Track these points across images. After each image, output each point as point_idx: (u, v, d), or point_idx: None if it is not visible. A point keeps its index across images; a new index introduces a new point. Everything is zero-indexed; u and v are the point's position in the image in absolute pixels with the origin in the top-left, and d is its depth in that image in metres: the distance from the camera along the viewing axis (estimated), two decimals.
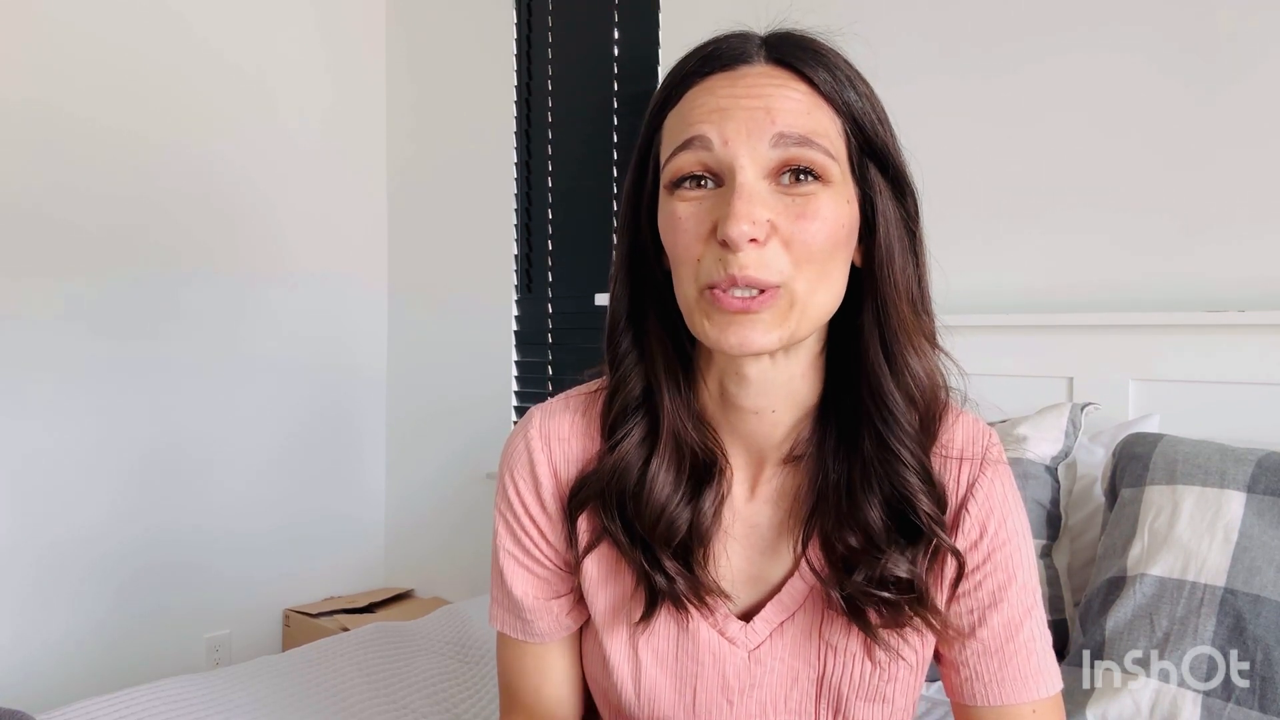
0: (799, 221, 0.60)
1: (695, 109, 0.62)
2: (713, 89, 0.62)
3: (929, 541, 0.66)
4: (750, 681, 0.72)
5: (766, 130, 0.60)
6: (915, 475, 0.66)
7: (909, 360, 0.66)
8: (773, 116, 0.60)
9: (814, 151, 0.61)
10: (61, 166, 2.23)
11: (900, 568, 0.65)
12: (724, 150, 0.60)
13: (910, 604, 0.66)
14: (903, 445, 0.66)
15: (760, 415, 0.69)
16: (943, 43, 1.81)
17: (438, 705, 1.39)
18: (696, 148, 0.61)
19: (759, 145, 0.60)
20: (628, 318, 0.70)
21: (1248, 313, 1.43)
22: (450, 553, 2.77)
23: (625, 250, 0.70)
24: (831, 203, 0.61)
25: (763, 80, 0.62)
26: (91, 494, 2.30)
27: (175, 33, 2.42)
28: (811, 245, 0.60)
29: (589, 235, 2.53)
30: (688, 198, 0.62)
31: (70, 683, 2.22)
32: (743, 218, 0.58)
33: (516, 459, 0.75)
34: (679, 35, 2.27)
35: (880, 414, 0.66)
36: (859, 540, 0.66)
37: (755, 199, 0.59)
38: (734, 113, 0.61)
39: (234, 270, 2.56)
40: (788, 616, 0.72)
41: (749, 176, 0.60)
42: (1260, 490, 1.12)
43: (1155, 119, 1.58)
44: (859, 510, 0.66)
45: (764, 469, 0.72)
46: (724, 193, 0.61)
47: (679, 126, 0.63)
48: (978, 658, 0.71)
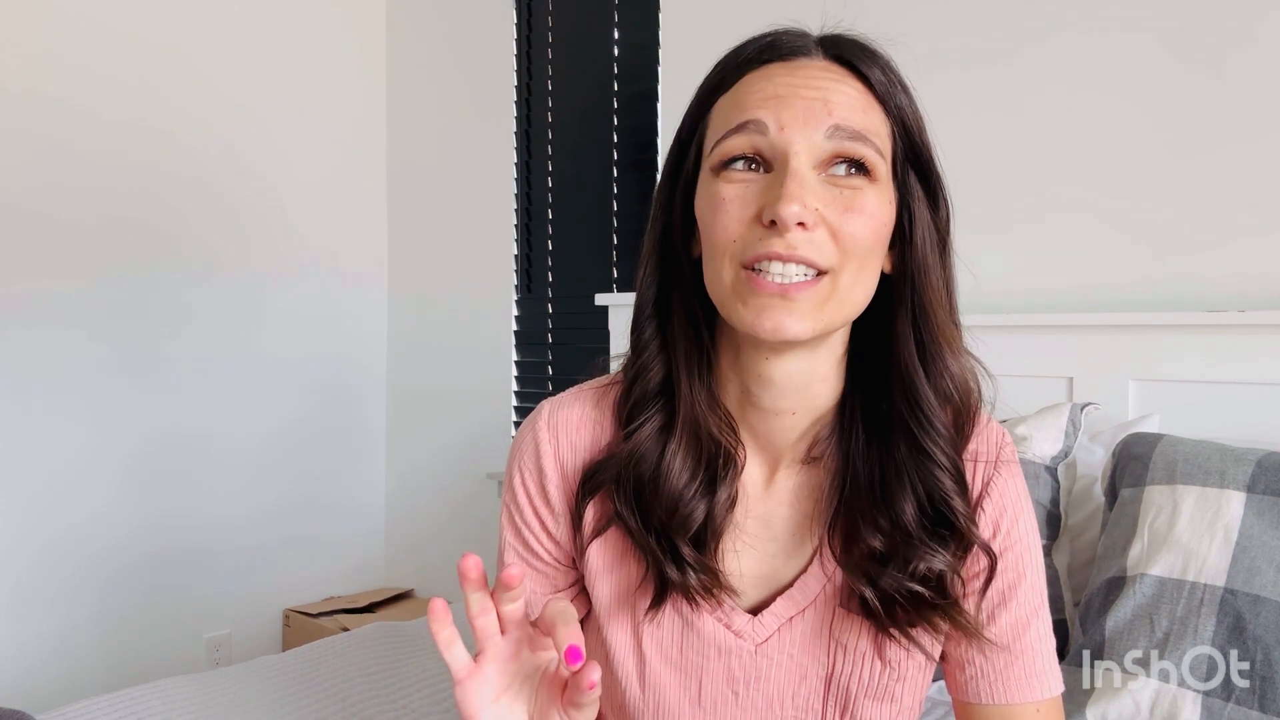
0: (846, 214, 0.61)
1: (752, 94, 0.63)
2: (770, 76, 0.63)
3: (959, 539, 0.67)
4: (756, 674, 0.72)
5: (823, 121, 0.61)
6: (949, 477, 0.67)
7: (948, 364, 0.67)
8: (829, 108, 0.61)
9: (867, 147, 0.61)
10: (63, 162, 2.23)
11: (937, 561, 0.66)
12: (779, 136, 0.61)
13: (939, 602, 0.67)
14: (938, 447, 0.66)
15: (780, 416, 0.69)
16: (938, 35, 1.80)
17: (438, 705, 1.39)
18: (751, 131, 0.62)
19: (814, 135, 0.61)
20: (654, 304, 0.70)
21: (1248, 313, 1.43)
22: (451, 552, 2.76)
23: (658, 234, 0.70)
24: (877, 200, 0.62)
25: (820, 73, 0.63)
26: (91, 493, 2.30)
27: (175, 33, 2.43)
28: (858, 238, 0.61)
29: (589, 235, 2.53)
30: (735, 179, 0.62)
31: (70, 683, 2.22)
32: (795, 199, 0.59)
33: (524, 451, 0.76)
34: (679, 35, 2.27)
35: (915, 417, 0.66)
36: (886, 540, 0.66)
37: (807, 186, 0.60)
38: (791, 101, 0.61)
39: (234, 270, 2.56)
40: (797, 613, 0.72)
41: (802, 163, 0.60)
42: (1260, 490, 1.12)
43: (1155, 119, 1.58)
44: (892, 507, 0.66)
45: (779, 468, 0.72)
46: (773, 178, 0.61)
47: (732, 110, 0.63)
48: (984, 656, 0.71)
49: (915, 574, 0.65)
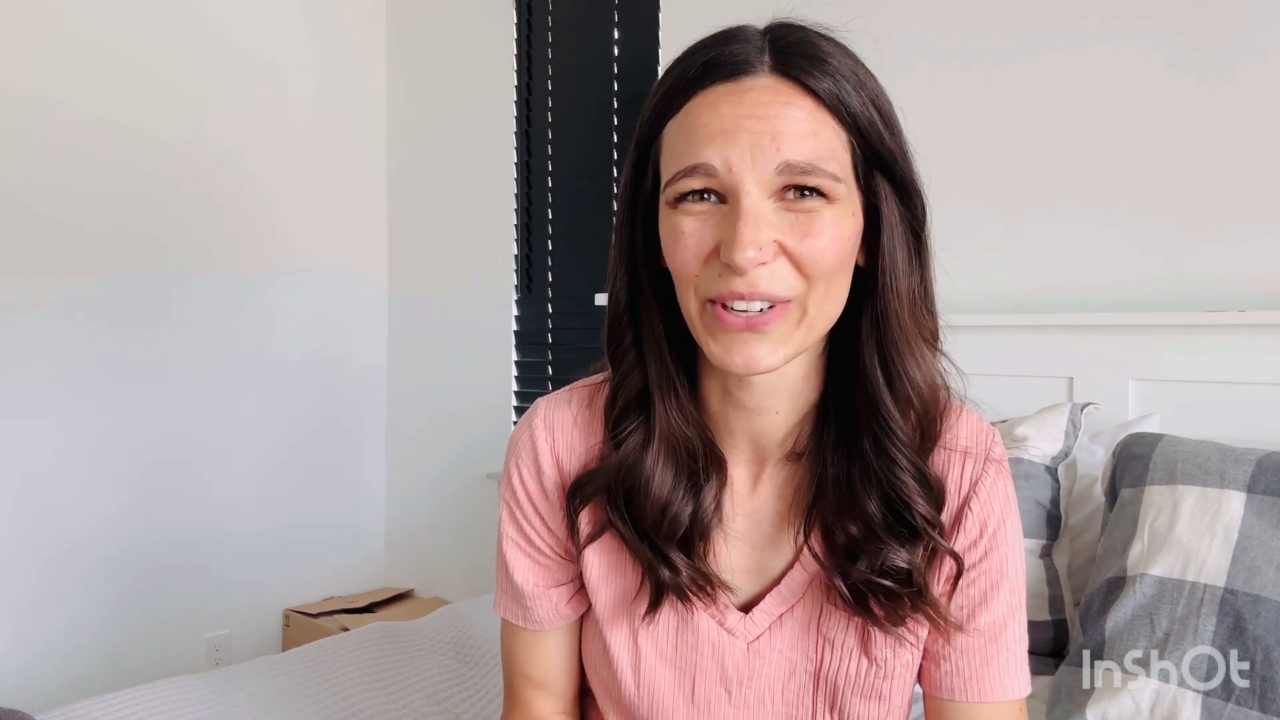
0: (806, 239, 0.60)
1: (698, 129, 0.61)
2: (716, 105, 0.61)
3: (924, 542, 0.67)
4: (749, 672, 0.73)
5: (772, 158, 0.59)
6: (912, 478, 0.67)
7: (907, 368, 0.66)
8: (778, 143, 0.59)
9: (819, 178, 0.60)
10: (58, 162, 2.22)
11: (900, 558, 0.66)
12: (728, 176, 0.60)
13: (910, 596, 0.67)
14: (899, 450, 0.66)
15: (764, 414, 0.70)
16: (939, 37, 1.81)
17: (438, 705, 1.39)
18: (700, 174, 0.60)
19: (764, 171, 0.59)
20: (628, 315, 0.70)
21: (1248, 313, 1.43)
22: (450, 553, 2.77)
23: (623, 247, 0.70)
24: (835, 220, 0.61)
25: (766, 97, 0.60)
26: (91, 494, 2.30)
27: (173, 31, 2.42)
28: (820, 262, 0.61)
29: (589, 235, 2.53)
30: (692, 212, 0.62)
31: (70, 683, 2.22)
32: (749, 244, 0.58)
33: (521, 447, 0.77)
34: (679, 35, 2.27)
35: (876, 420, 0.66)
36: (859, 530, 0.67)
37: (761, 222, 0.59)
38: (737, 136, 0.59)
39: (235, 270, 2.56)
40: (787, 609, 0.73)
41: (754, 200, 0.59)
42: (1260, 490, 1.12)
43: (1155, 119, 1.58)
44: (858, 504, 0.67)
45: (766, 465, 0.73)
46: (729, 211, 0.60)
47: (681, 145, 0.62)
48: (960, 654, 0.72)
49: (882, 569, 0.66)
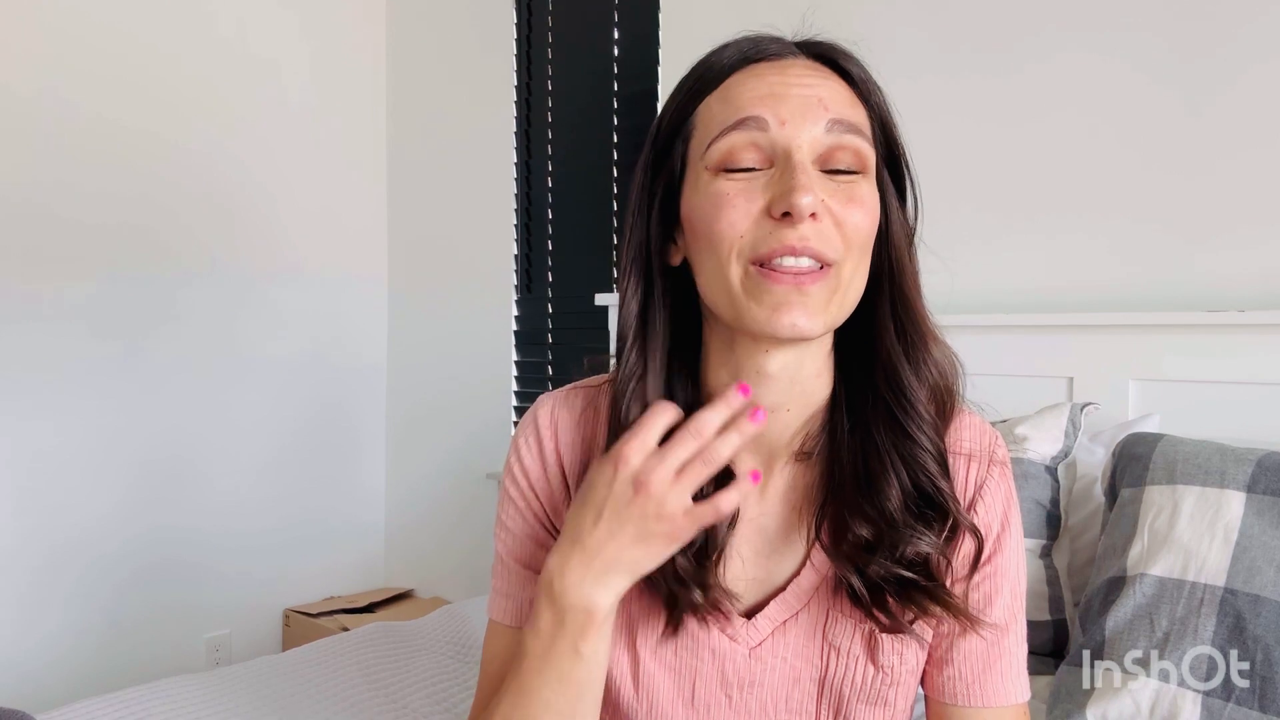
0: (849, 205, 0.62)
1: (745, 92, 0.63)
2: (761, 75, 0.64)
3: (945, 521, 0.67)
4: (750, 678, 0.72)
5: (820, 115, 0.62)
6: (933, 459, 0.67)
7: (930, 348, 0.68)
8: (825, 104, 0.62)
9: (862, 140, 0.63)
10: (58, 162, 2.23)
11: (924, 544, 0.65)
12: (780, 131, 0.61)
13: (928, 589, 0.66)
14: (921, 431, 0.67)
15: (774, 413, 0.69)
16: (943, 41, 1.81)
17: (438, 705, 1.39)
18: (750, 128, 0.62)
19: (814, 129, 0.62)
20: (638, 315, 0.69)
21: (1248, 313, 1.43)
22: (450, 553, 2.77)
23: (637, 244, 0.69)
24: (870, 192, 0.64)
25: (808, 72, 0.64)
26: (90, 493, 2.30)
27: (173, 31, 2.43)
28: (860, 229, 0.63)
29: (589, 235, 2.53)
30: (736, 177, 0.63)
31: (70, 683, 2.22)
32: (807, 189, 0.60)
33: (525, 433, 0.76)
34: (679, 35, 2.27)
35: (899, 402, 0.67)
36: (873, 528, 0.66)
37: (813, 178, 0.61)
38: (787, 98, 0.62)
39: (235, 270, 2.56)
40: (791, 615, 0.72)
41: (805, 157, 0.61)
42: (1260, 490, 1.12)
43: (1156, 119, 1.58)
44: (877, 497, 0.66)
45: (773, 469, 0.72)
46: (776, 174, 0.62)
47: (725, 109, 0.64)
48: (964, 658, 0.71)
49: (903, 559, 0.66)
